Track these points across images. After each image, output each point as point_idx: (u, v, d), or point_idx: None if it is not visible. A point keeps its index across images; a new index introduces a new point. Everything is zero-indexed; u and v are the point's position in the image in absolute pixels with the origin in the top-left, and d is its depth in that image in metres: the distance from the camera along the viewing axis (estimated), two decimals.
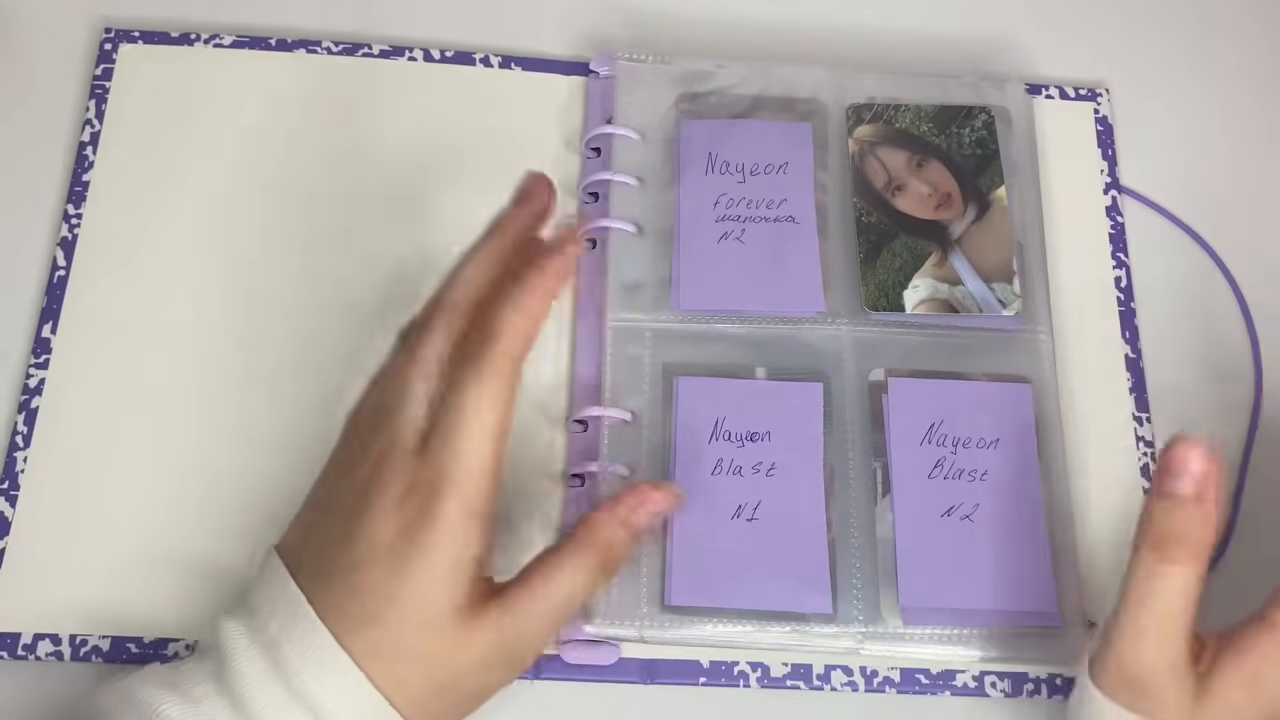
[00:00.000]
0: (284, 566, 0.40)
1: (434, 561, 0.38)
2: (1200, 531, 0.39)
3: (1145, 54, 0.60)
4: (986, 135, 0.55)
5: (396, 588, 0.38)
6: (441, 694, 0.39)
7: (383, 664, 0.38)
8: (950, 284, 0.52)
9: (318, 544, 0.40)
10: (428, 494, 0.39)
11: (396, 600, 0.38)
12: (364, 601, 0.38)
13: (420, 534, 0.38)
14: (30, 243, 0.52)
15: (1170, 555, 0.39)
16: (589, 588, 0.41)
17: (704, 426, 0.49)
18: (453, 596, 0.39)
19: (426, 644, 0.39)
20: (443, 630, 0.39)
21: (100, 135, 0.54)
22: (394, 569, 0.38)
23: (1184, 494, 0.39)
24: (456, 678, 0.39)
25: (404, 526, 0.39)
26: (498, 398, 0.40)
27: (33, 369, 0.49)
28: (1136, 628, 0.39)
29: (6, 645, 0.45)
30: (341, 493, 0.40)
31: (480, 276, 0.43)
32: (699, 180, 0.53)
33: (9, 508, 0.47)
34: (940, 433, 0.49)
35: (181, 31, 0.56)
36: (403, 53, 0.56)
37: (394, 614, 0.38)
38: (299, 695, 0.38)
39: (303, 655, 0.38)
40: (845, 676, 0.47)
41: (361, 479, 0.40)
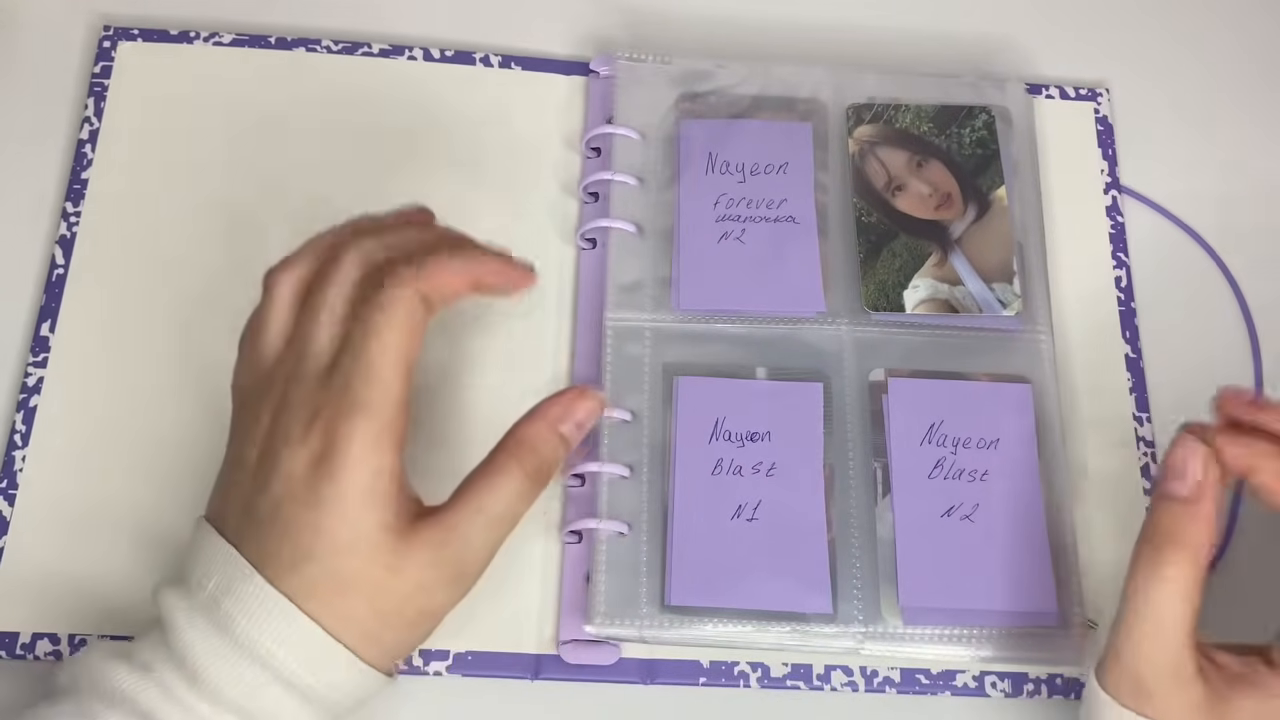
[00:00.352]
0: (212, 529, 0.40)
1: (351, 483, 0.38)
2: (1197, 533, 0.39)
3: (1145, 54, 0.60)
4: (987, 135, 0.55)
5: (319, 517, 0.38)
6: (388, 621, 0.39)
7: (322, 600, 0.38)
8: (950, 284, 0.52)
9: (237, 498, 0.40)
10: (333, 417, 0.38)
11: (322, 530, 0.38)
12: (294, 540, 0.38)
13: (332, 459, 0.38)
14: (29, 241, 0.52)
15: (1166, 556, 0.39)
16: (523, 497, 0.41)
17: (704, 426, 0.49)
18: (379, 516, 0.38)
19: (362, 570, 0.38)
20: (375, 554, 0.38)
21: (99, 133, 0.53)
22: (313, 498, 0.38)
23: (1182, 495, 0.40)
24: (400, 602, 0.39)
25: (315, 455, 0.38)
26: (405, 326, 0.39)
27: (31, 367, 0.49)
28: (1137, 627, 0.39)
29: (5, 644, 0.45)
30: (249, 444, 0.40)
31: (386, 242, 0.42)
32: (699, 180, 0.53)
33: (7, 507, 0.47)
34: (940, 433, 0.49)
35: (181, 30, 0.56)
36: (403, 52, 0.56)
37: (323, 545, 0.38)
38: (243, 646, 0.37)
39: (241, 606, 0.37)
40: (845, 676, 0.47)
41: (266, 425, 0.40)
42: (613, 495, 0.47)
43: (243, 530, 0.39)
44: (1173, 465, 0.40)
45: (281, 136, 0.54)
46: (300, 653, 0.38)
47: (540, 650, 0.47)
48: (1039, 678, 0.47)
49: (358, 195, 0.53)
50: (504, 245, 0.44)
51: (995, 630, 0.46)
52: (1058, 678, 0.47)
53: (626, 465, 0.48)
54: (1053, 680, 0.47)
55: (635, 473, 0.48)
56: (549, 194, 0.54)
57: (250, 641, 0.37)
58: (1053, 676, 0.47)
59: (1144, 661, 0.39)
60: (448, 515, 0.39)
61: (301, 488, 0.38)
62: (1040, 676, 0.47)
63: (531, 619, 0.47)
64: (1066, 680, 0.47)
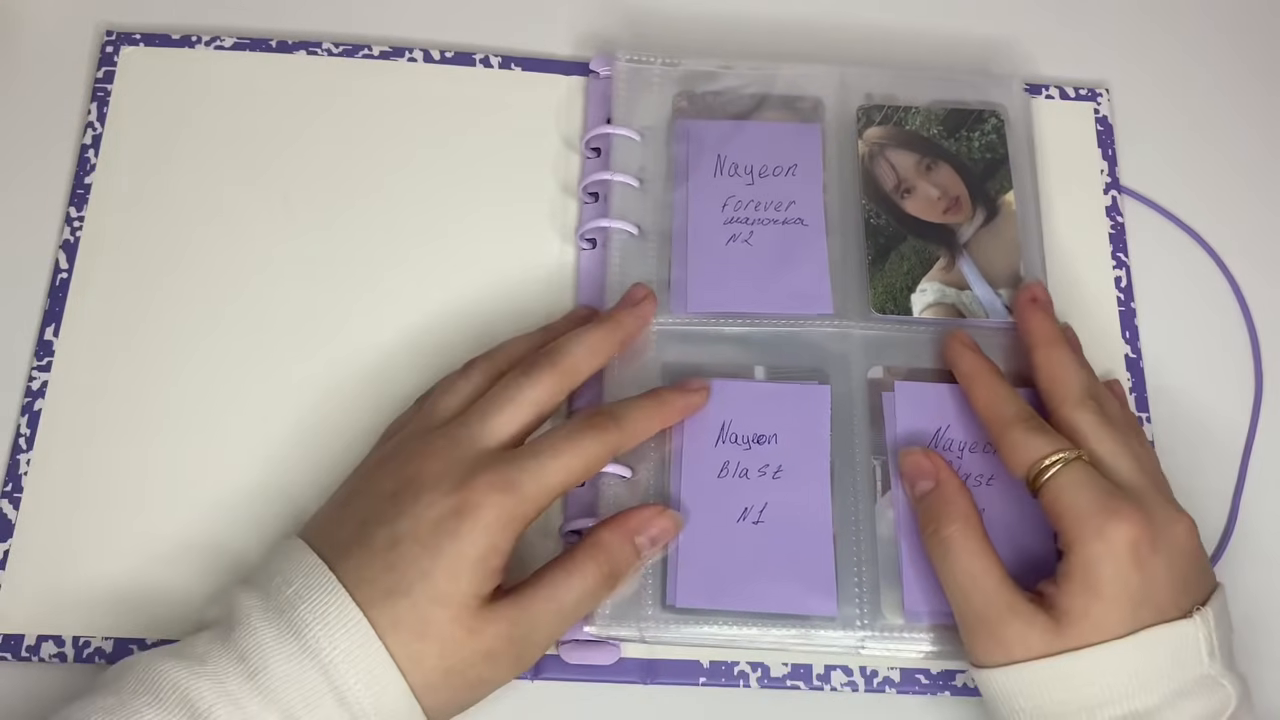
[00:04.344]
0: (305, 544, 0.41)
1: (471, 547, 0.40)
2: (957, 501, 0.44)
3: (1145, 54, 0.60)
4: (996, 139, 0.55)
5: (432, 563, 0.40)
6: (450, 678, 0.40)
7: (402, 638, 0.39)
8: (957, 289, 0.52)
9: (353, 520, 0.42)
10: (488, 487, 0.41)
11: (429, 575, 0.40)
12: (399, 573, 0.40)
13: (468, 520, 0.40)
14: (32, 245, 0.52)
15: (942, 528, 0.44)
16: (595, 595, 0.43)
17: (711, 429, 0.49)
18: (478, 584, 0.40)
19: (446, 625, 0.40)
20: (461, 614, 0.40)
21: (102, 138, 0.54)
22: (435, 545, 0.40)
23: (930, 487, 0.45)
24: (465, 665, 0.40)
25: (455, 509, 0.40)
26: (592, 459, 0.43)
27: (35, 371, 0.50)
28: (959, 589, 0.43)
29: (10, 647, 0.46)
30: (387, 479, 0.42)
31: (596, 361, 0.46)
32: (707, 182, 0.53)
33: (12, 510, 0.48)
34: (946, 437, 0.48)
35: (183, 34, 0.56)
36: (403, 53, 0.56)
37: (423, 589, 0.40)
38: (311, 652, 0.38)
39: (318, 615, 0.39)
40: (845, 676, 0.47)
41: (415, 468, 0.42)
42: (613, 495, 0.48)
43: (348, 549, 0.41)
44: (909, 474, 0.46)
45: (284, 140, 0.54)
46: (365, 675, 0.39)
47: None
48: None
49: (359, 196, 0.54)
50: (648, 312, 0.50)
51: None
52: None
53: (627, 466, 0.48)
54: None
55: (636, 473, 0.48)
56: (549, 194, 0.54)
57: (319, 650, 0.38)
58: None
59: (979, 610, 0.42)
60: (525, 599, 0.42)
61: (428, 531, 0.40)
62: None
63: None
64: None
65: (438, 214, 0.54)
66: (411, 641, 0.39)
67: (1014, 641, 0.41)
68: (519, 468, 0.42)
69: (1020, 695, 0.41)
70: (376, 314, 0.52)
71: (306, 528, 0.43)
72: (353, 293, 0.52)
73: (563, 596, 0.42)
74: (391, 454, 0.44)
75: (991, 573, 0.42)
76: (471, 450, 0.42)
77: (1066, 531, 0.42)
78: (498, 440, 0.43)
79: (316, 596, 0.39)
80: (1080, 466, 0.43)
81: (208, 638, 0.40)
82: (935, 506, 0.45)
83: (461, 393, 0.45)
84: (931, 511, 0.45)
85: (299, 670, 0.38)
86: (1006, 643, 0.41)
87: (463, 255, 0.53)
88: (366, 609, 0.39)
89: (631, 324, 0.48)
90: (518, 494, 0.41)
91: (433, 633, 0.40)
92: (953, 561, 0.43)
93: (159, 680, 0.38)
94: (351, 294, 0.52)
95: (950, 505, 0.44)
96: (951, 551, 0.43)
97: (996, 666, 0.42)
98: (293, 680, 0.38)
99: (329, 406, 0.50)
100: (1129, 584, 0.41)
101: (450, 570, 0.40)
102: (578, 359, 0.45)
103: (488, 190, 0.54)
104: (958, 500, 0.44)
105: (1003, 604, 0.42)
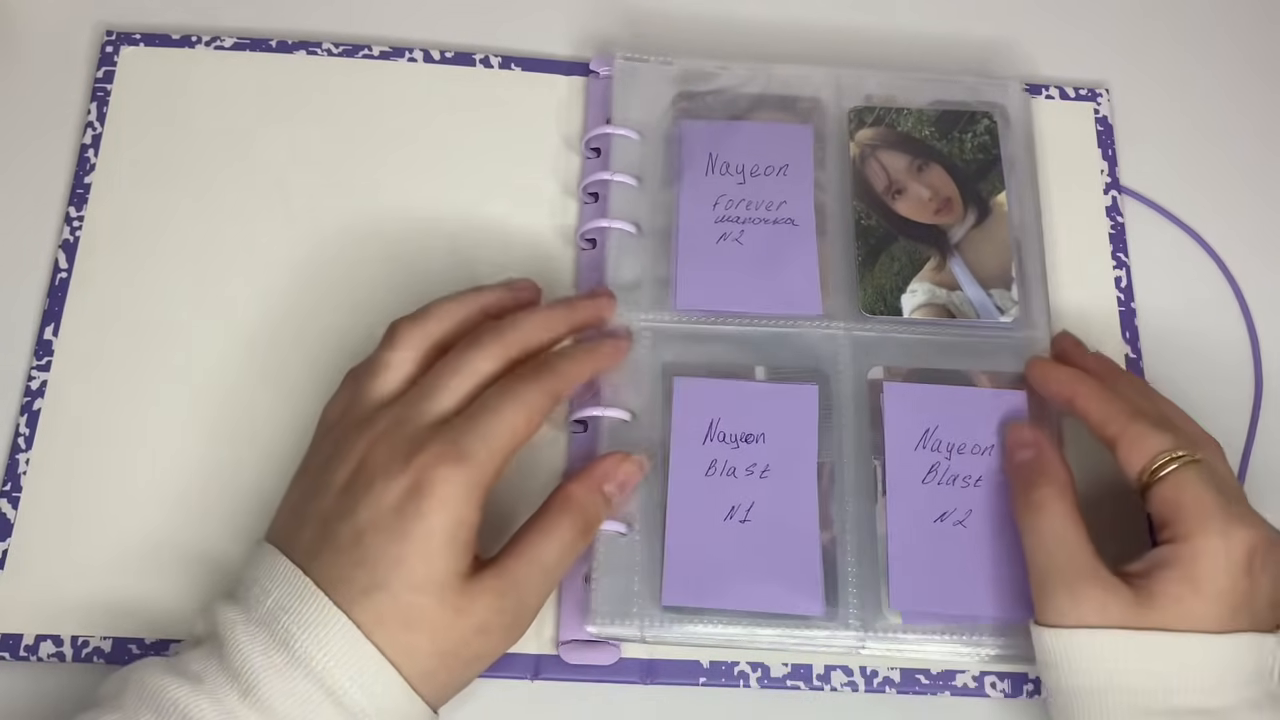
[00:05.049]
0: (274, 548, 0.41)
1: (438, 526, 0.40)
2: (1054, 469, 0.45)
3: (1145, 54, 0.60)
4: (989, 140, 0.55)
5: (401, 550, 0.39)
6: (446, 661, 0.40)
7: (390, 632, 0.39)
8: (948, 289, 0.52)
9: (314, 520, 0.41)
10: (438, 460, 0.40)
11: (401, 562, 0.39)
12: (370, 569, 0.39)
13: (427, 497, 0.40)
14: (32, 245, 0.52)
15: (1035, 493, 0.45)
16: (574, 548, 0.44)
17: (699, 427, 0.49)
18: (455, 562, 0.40)
19: (432, 610, 0.39)
20: (445, 595, 0.40)
21: (101, 138, 0.54)
22: (400, 531, 0.39)
23: (1029, 455, 0.46)
24: (458, 645, 0.40)
25: (408, 490, 0.40)
26: (535, 409, 0.43)
27: (34, 371, 0.50)
28: (1043, 550, 0.43)
29: (9, 646, 0.46)
30: (337, 470, 0.41)
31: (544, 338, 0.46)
32: (699, 181, 0.53)
33: (11, 509, 0.47)
34: (934, 438, 0.49)
35: (182, 34, 0.56)
36: (403, 53, 0.57)
37: (399, 579, 0.39)
38: (301, 662, 0.38)
39: (301, 623, 0.38)
40: (845, 676, 0.47)
41: (361, 453, 0.41)
42: None
43: (317, 550, 0.40)
44: (1012, 444, 0.47)
45: (283, 140, 0.54)
46: (359, 677, 0.38)
47: (540, 650, 0.47)
48: (1039, 678, 0.47)
49: (358, 196, 0.54)
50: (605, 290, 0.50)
51: (995, 630, 0.46)
52: None
53: (629, 410, 0.48)
54: None
55: (637, 416, 0.48)
56: (549, 194, 0.54)
57: (309, 658, 0.38)
58: None
59: (1062, 567, 0.43)
60: (507, 565, 0.42)
61: (390, 518, 0.40)
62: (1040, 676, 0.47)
63: None
64: None
65: (438, 214, 0.54)
66: (400, 634, 0.39)
67: (1093, 605, 0.41)
68: (463, 433, 0.41)
69: (1088, 659, 0.41)
70: (375, 311, 0.51)
71: (271, 531, 0.42)
72: (352, 292, 0.52)
73: (543, 556, 0.42)
74: (337, 444, 0.42)
75: (1081, 537, 0.43)
76: (415, 427, 0.41)
77: (1184, 524, 0.42)
78: (440, 414, 0.42)
79: (296, 605, 0.39)
80: (1205, 467, 0.43)
81: (201, 655, 0.39)
82: (1031, 471, 0.45)
83: (399, 370, 0.44)
84: (1027, 475, 0.45)
85: (291, 682, 0.38)
86: (1084, 605, 0.42)
87: (463, 255, 0.53)
88: (348, 610, 0.39)
89: (586, 311, 0.48)
90: (468, 461, 0.40)
91: (419, 621, 0.39)
92: (1043, 521, 0.44)
93: (160, 697, 0.38)
94: (351, 293, 0.52)
95: (1046, 469, 0.45)
96: (1043, 511, 0.44)
97: (1067, 627, 0.42)
98: (287, 693, 0.38)
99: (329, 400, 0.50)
100: (1236, 587, 0.41)
101: (422, 553, 0.39)
102: (527, 335, 0.45)
103: (488, 190, 0.54)
104: (1054, 466, 0.45)
105: (1088, 567, 0.42)
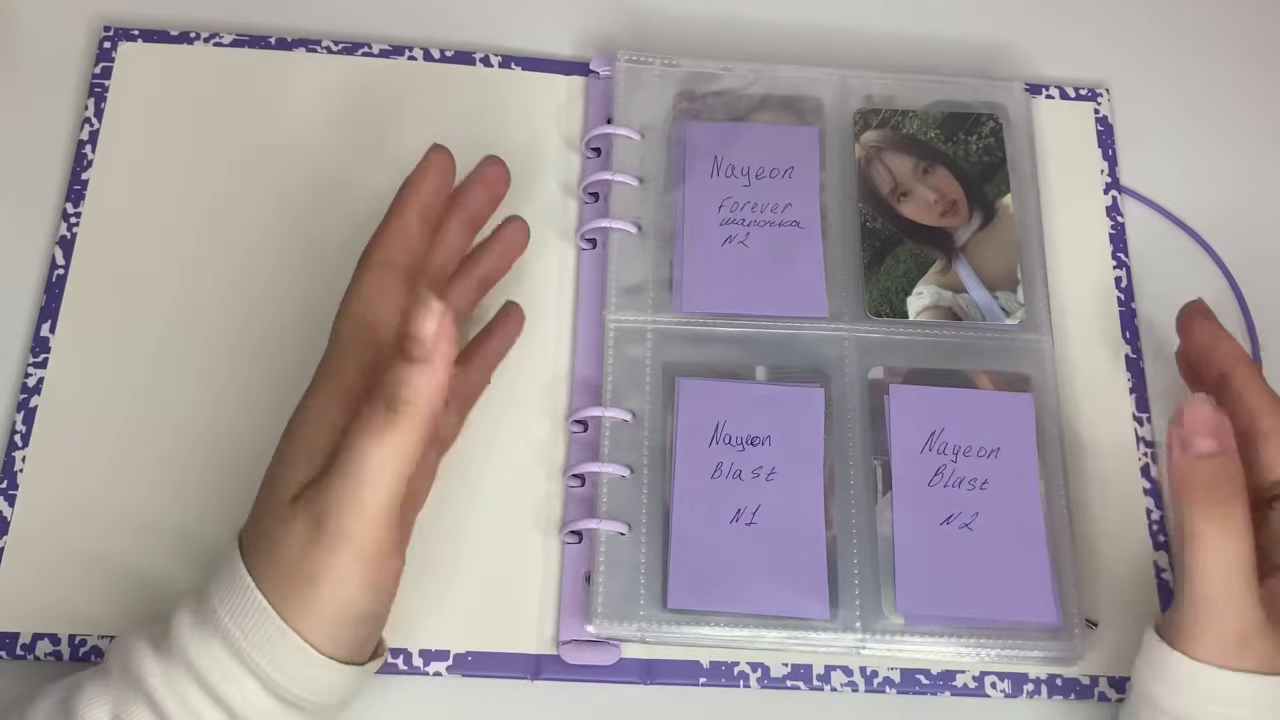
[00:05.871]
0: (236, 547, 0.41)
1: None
2: (1240, 476, 0.40)
3: (1145, 54, 0.60)
4: (994, 143, 0.55)
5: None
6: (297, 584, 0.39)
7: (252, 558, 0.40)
8: (954, 291, 0.52)
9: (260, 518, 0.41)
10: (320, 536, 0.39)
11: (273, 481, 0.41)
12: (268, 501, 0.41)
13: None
14: (29, 241, 0.52)
15: (1229, 502, 0.40)
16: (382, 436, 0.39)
17: (704, 430, 0.48)
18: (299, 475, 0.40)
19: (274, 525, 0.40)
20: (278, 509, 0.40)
21: (99, 134, 0.54)
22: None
23: (1208, 450, 0.41)
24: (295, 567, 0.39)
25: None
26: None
27: (31, 368, 0.49)
28: (1220, 581, 0.40)
29: (5, 645, 0.45)
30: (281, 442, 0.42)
31: None
32: (704, 183, 0.53)
33: (8, 507, 0.47)
34: (940, 441, 0.48)
35: (181, 30, 0.56)
36: (403, 52, 0.56)
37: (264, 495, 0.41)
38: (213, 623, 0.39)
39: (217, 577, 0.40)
40: (845, 677, 0.47)
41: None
42: (612, 495, 0.47)
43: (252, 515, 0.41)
44: (1192, 425, 0.41)
45: (282, 137, 0.54)
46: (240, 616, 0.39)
47: (540, 650, 0.47)
48: (1039, 678, 0.47)
49: (357, 193, 0.54)
50: None
51: (995, 630, 0.46)
52: (1058, 678, 0.47)
53: (626, 465, 0.48)
54: (1053, 680, 0.47)
55: (635, 473, 0.48)
56: (549, 194, 0.54)
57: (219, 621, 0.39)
58: (1053, 677, 0.47)
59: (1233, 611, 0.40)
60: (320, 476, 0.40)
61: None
62: (1040, 677, 0.47)
63: (531, 619, 0.47)
64: (1066, 680, 0.47)
65: None
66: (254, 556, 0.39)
67: (1257, 657, 0.39)
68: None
69: (1233, 701, 0.40)
70: None
71: None
72: None
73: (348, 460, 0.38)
74: None
75: (1254, 572, 0.40)
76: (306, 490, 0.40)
77: None
78: None
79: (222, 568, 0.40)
80: None
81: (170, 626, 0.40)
82: (1219, 476, 0.40)
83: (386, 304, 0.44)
84: (1212, 479, 0.40)
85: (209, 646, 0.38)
86: (1249, 657, 0.39)
87: None
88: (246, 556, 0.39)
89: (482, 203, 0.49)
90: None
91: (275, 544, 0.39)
92: (1222, 543, 0.39)
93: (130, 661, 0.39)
94: None
95: (1234, 476, 0.40)
96: (1224, 531, 0.39)
97: (1225, 669, 0.40)
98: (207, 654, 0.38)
99: None
100: None
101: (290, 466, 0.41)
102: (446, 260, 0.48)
103: None
104: (1240, 473, 0.40)
105: (1257, 613, 0.40)
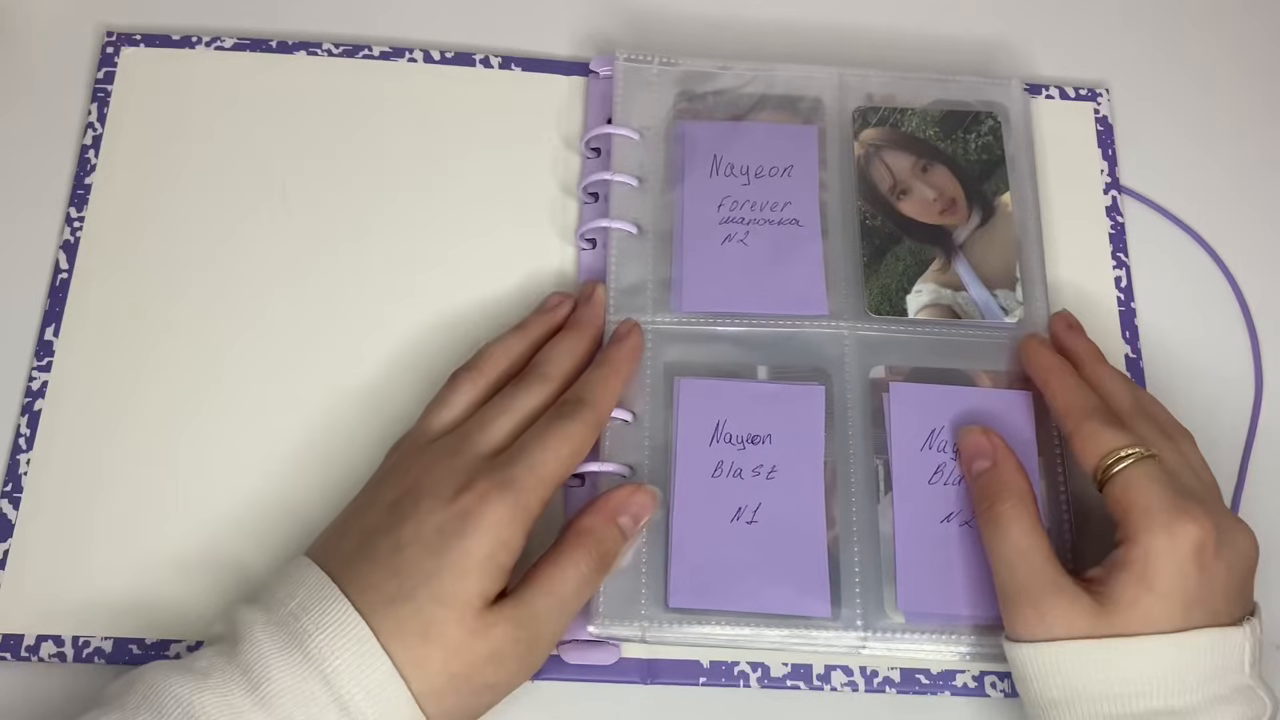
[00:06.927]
0: (309, 560, 0.42)
1: (477, 546, 0.41)
2: (1013, 480, 0.45)
3: (1145, 54, 0.60)
4: (993, 140, 0.55)
5: (436, 565, 0.40)
6: (456, 683, 0.40)
7: (405, 643, 0.39)
8: (953, 290, 0.52)
9: (356, 532, 0.42)
10: (488, 490, 0.41)
11: (433, 576, 0.40)
12: (401, 579, 0.40)
13: (472, 521, 0.41)
14: (33, 245, 0.52)
15: (998, 506, 0.45)
16: (591, 582, 0.44)
17: (705, 429, 0.49)
18: (485, 584, 0.41)
19: (450, 628, 0.40)
20: (465, 616, 0.40)
21: (102, 138, 0.54)
22: (439, 547, 0.40)
23: (986, 465, 0.46)
24: (471, 669, 0.40)
25: (457, 513, 0.41)
26: (578, 442, 0.44)
27: (35, 371, 0.50)
28: (1006, 563, 0.44)
29: (10, 646, 0.46)
30: (388, 490, 0.43)
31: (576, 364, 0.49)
32: (703, 182, 0.53)
33: (12, 510, 0.48)
34: (940, 439, 0.49)
35: (183, 35, 0.56)
36: (403, 53, 0.57)
37: (427, 592, 0.40)
38: (313, 661, 0.38)
39: (319, 624, 0.39)
40: (845, 676, 0.47)
41: (413, 477, 0.43)
42: None
43: (352, 561, 0.41)
44: (967, 453, 0.47)
45: (284, 140, 0.54)
46: (367, 682, 0.39)
47: None
48: None
49: (359, 196, 0.54)
50: None
51: (997, 629, 0.46)
52: None
53: (627, 465, 0.48)
54: None
55: (636, 473, 0.48)
56: (549, 194, 0.54)
57: (322, 659, 0.39)
58: None
59: (1024, 583, 0.43)
60: (525, 597, 0.42)
61: (432, 535, 0.41)
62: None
63: None
64: None
65: (438, 214, 0.54)
66: (415, 646, 0.39)
67: (1057, 618, 0.42)
68: (512, 463, 0.43)
69: (1056, 673, 0.42)
70: (376, 312, 0.52)
71: (313, 547, 0.43)
72: (352, 291, 0.52)
73: (560, 589, 0.42)
74: (391, 468, 0.45)
75: (1041, 549, 0.43)
76: (468, 457, 0.43)
77: (1133, 524, 0.42)
78: (492, 447, 0.44)
79: (319, 607, 0.40)
80: (1153, 463, 0.43)
81: (211, 653, 0.40)
82: (992, 484, 0.45)
83: (455, 406, 0.46)
84: (988, 489, 0.45)
85: (301, 681, 0.38)
86: (1049, 618, 0.42)
87: (463, 255, 0.53)
88: (369, 616, 0.39)
89: (595, 320, 0.50)
90: (515, 488, 0.42)
91: (436, 635, 0.40)
92: (1004, 535, 0.44)
93: (162, 695, 0.38)
94: (351, 292, 0.52)
95: (1006, 482, 0.45)
96: (1003, 526, 0.44)
97: (1035, 641, 0.42)
98: (294, 691, 0.38)
99: (329, 401, 0.50)
100: (1187, 583, 0.41)
101: (457, 570, 0.40)
102: (562, 367, 0.47)
103: (488, 190, 0.54)
104: (1014, 478, 0.45)
105: (1049, 580, 0.42)
